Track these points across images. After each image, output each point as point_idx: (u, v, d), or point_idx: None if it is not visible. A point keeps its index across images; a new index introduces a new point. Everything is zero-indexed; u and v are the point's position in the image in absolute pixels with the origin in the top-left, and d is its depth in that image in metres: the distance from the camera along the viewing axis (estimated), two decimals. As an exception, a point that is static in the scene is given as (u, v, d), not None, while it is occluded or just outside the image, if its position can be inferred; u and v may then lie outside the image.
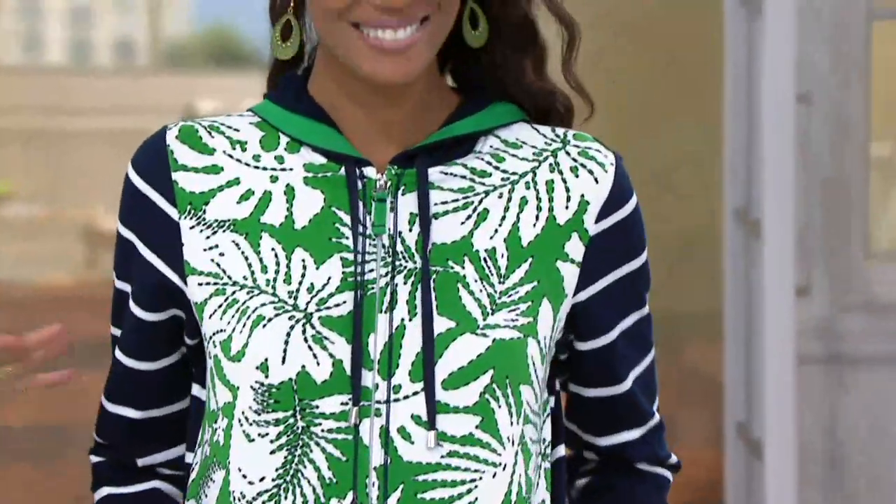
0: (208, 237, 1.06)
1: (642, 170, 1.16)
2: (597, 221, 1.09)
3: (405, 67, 0.96)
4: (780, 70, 3.90)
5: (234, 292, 1.03)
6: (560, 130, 1.14)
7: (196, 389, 1.16)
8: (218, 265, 1.05)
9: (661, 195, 4.84)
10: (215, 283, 1.05)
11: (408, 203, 1.04)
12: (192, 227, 1.07)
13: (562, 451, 1.20)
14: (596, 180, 1.09)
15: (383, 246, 1.03)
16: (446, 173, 1.07)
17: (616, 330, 1.14)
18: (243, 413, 1.01)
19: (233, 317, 1.02)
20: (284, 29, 1.09)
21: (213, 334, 1.05)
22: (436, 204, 1.05)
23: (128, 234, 1.12)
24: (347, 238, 1.03)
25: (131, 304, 1.14)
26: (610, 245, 1.11)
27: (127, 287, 1.15)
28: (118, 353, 1.18)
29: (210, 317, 1.05)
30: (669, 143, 4.98)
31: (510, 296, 1.04)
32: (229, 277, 1.04)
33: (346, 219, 1.04)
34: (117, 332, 1.18)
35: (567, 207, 1.08)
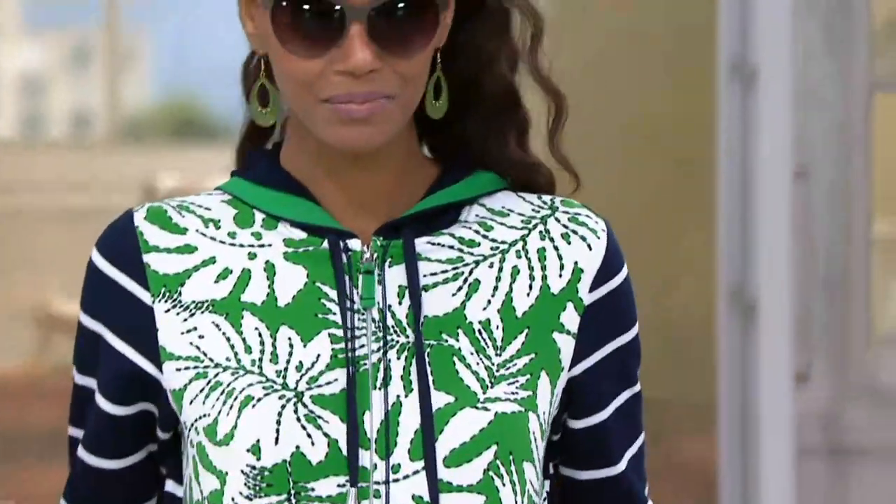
0: (185, 319, 1.05)
1: (628, 250, 1.15)
2: (591, 290, 1.10)
3: (369, 133, 0.97)
4: (776, 144, 3.94)
5: (216, 374, 1.02)
6: (546, 197, 1.16)
7: (171, 485, 1.13)
8: (198, 348, 1.04)
9: (650, 275, 4.83)
10: (195, 367, 1.03)
11: (395, 275, 1.05)
12: (167, 311, 1.05)
13: None
14: (589, 247, 1.11)
15: (373, 320, 1.04)
16: (433, 244, 1.08)
17: (611, 407, 1.14)
18: (233, 500, 0.99)
19: (217, 399, 1.01)
20: (261, 94, 1.08)
21: (196, 420, 1.03)
22: (425, 275, 1.05)
23: (93, 325, 1.10)
24: (335, 314, 1.03)
25: (98, 398, 1.10)
26: (604, 315, 1.12)
27: (90, 382, 1.12)
28: (82, 452, 1.14)
29: (191, 402, 1.03)
30: (658, 222, 4.98)
31: (508, 368, 1.04)
32: (211, 360, 1.03)
33: (332, 294, 1.04)
34: (77, 432, 1.16)
35: (561, 276, 1.09)
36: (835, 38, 4.29)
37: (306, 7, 0.97)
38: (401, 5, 0.97)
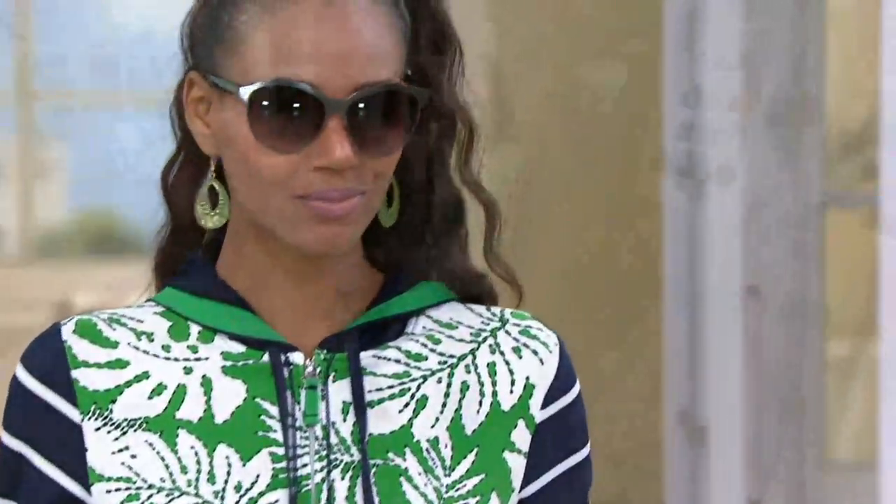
0: (117, 438, 1.01)
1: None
2: (543, 407, 1.09)
3: (342, 233, 0.96)
4: (726, 261, 3.94)
5: (150, 496, 0.99)
6: (495, 309, 1.14)
7: None
8: (130, 468, 1.00)
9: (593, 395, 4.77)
10: (127, 489, 0.99)
11: (339, 391, 1.03)
12: (97, 429, 1.01)
13: None
14: (541, 361, 1.09)
15: (316, 438, 1.02)
16: (379, 357, 1.06)
17: None
18: None
19: None
20: (212, 196, 1.06)
21: None
22: (370, 391, 1.03)
23: (17, 446, 1.03)
24: (276, 431, 1.01)
25: None
26: (556, 433, 1.10)
27: None
28: None
29: None
30: (604, 341, 4.96)
31: (458, 489, 1.03)
32: (144, 480, 0.99)
33: (273, 410, 1.01)
34: None
35: (512, 392, 1.07)
36: (787, 150, 4.33)
37: (284, 100, 0.95)
38: (380, 100, 0.96)
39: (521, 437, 1.07)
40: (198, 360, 1.04)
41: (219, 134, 1.01)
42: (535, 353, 1.09)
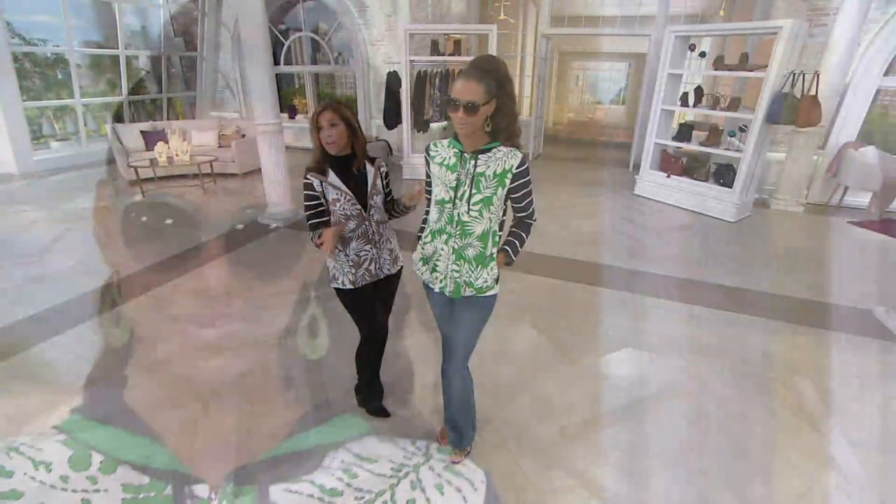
0: None
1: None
2: None
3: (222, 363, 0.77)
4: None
5: None
6: (421, 443, 0.95)
7: None
8: None
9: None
10: None
11: None
12: None
13: None
14: (464, 499, 1.21)
15: None
16: (291, 491, 0.90)
17: None
18: None
19: None
20: None
21: None
22: None
23: None
24: None
25: None
26: None
27: None
28: None
29: None
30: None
31: None
32: None
33: None
34: None
35: None
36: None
37: None
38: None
39: None
40: (97, 491, 0.94)
41: None
42: (458, 490, 1.02)
